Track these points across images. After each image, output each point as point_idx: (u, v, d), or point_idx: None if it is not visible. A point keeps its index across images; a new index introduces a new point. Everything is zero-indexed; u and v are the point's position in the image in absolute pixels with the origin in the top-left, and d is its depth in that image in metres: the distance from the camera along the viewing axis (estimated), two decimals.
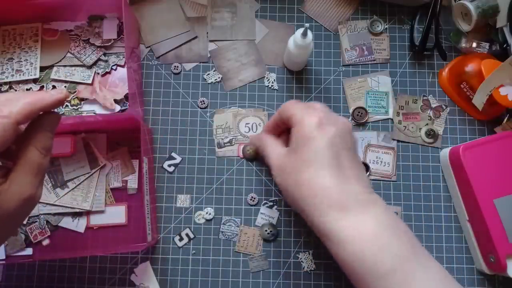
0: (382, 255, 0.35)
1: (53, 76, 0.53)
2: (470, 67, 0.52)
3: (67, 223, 0.51)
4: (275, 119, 0.46)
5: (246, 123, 0.54)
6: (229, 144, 0.54)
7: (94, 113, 0.53)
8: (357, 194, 0.38)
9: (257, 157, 0.53)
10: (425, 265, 0.36)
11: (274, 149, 0.44)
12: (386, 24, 0.57)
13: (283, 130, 0.47)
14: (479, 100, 0.50)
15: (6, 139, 0.32)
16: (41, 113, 0.35)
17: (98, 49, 0.55)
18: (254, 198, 0.52)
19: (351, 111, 0.54)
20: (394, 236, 0.37)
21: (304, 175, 0.39)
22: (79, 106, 0.53)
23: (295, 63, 0.53)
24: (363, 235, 0.36)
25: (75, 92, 0.53)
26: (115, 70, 0.55)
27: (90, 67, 0.54)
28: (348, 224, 0.37)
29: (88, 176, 0.52)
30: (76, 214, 0.51)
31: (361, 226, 0.36)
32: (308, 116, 0.40)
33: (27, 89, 0.53)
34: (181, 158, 0.53)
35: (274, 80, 0.55)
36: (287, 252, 0.51)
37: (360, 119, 0.54)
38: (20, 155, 0.33)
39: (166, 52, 0.56)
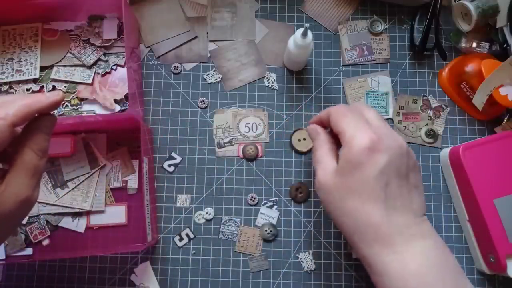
0: None
1: (53, 76, 0.53)
2: (470, 67, 0.52)
3: (67, 223, 0.51)
4: (321, 118, 0.43)
5: (246, 123, 0.54)
6: (229, 144, 0.54)
7: (94, 113, 0.53)
8: (403, 227, 0.36)
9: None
10: None
11: (324, 158, 0.41)
12: (386, 24, 0.57)
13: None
14: (479, 100, 0.50)
15: (2, 140, 0.32)
16: (37, 115, 0.35)
17: (98, 49, 0.55)
18: (254, 198, 0.52)
19: None
20: (439, 278, 0.35)
21: (348, 204, 0.37)
22: (79, 106, 0.53)
23: (295, 63, 0.53)
24: (407, 272, 0.35)
25: (75, 92, 0.53)
26: (115, 70, 0.55)
27: (90, 67, 0.54)
28: (393, 259, 0.35)
29: (88, 176, 0.52)
30: (76, 214, 0.51)
31: (405, 262, 0.35)
32: (360, 135, 0.37)
33: (27, 89, 0.53)
34: (181, 158, 0.53)
35: (274, 80, 0.55)
36: (287, 252, 0.51)
37: None
38: (16, 157, 0.33)
39: (166, 52, 0.56)
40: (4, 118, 0.31)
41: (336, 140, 0.42)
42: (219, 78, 0.55)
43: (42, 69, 0.54)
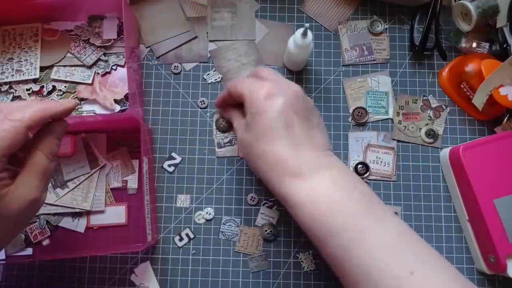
0: (332, 214, 0.37)
1: (53, 76, 0.53)
2: (470, 67, 0.52)
3: (67, 223, 0.51)
4: (224, 97, 0.48)
5: None
6: (229, 144, 0.54)
7: (94, 113, 0.53)
8: (309, 159, 0.39)
9: (230, 130, 0.54)
10: (382, 222, 0.37)
11: (238, 121, 0.46)
12: (386, 24, 0.57)
13: (236, 104, 0.47)
14: (479, 100, 0.50)
15: (17, 141, 0.33)
16: (50, 120, 0.37)
17: (98, 49, 0.55)
18: (254, 198, 0.52)
19: (351, 111, 0.54)
20: (347, 196, 0.38)
21: (259, 148, 0.40)
22: (79, 106, 0.53)
23: (295, 63, 0.53)
24: (315, 197, 0.38)
25: (75, 92, 0.53)
26: (115, 70, 0.55)
27: (90, 67, 0.54)
28: (302, 188, 0.38)
29: (88, 176, 0.52)
30: (76, 214, 0.51)
31: (313, 189, 0.38)
32: (256, 90, 0.41)
33: (27, 89, 0.53)
34: (181, 158, 0.53)
35: None
36: (287, 252, 0.51)
37: (360, 119, 0.54)
38: (28, 159, 0.35)
39: (166, 52, 0.56)
40: (21, 120, 0.34)
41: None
42: (219, 78, 0.55)
43: (42, 69, 0.54)
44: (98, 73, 0.54)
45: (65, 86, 0.54)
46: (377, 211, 0.38)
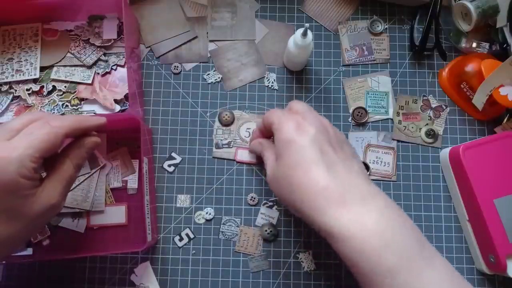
0: (385, 251, 0.34)
1: (53, 76, 0.53)
2: (470, 67, 0.52)
3: (67, 223, 0.51)
4: (259, 127, 0.47)
5: (247, 128, 0.54)
6: (227, 146, 0.54)
7: (94, 113, 0.53)
8: (353, 187, 0.37)
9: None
10: (433, 263, 0.35)
11: (269, 156, 0.44)
12: (386, 24, 0.57)
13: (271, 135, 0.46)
14: (479, 100, 0.50)
15: (55, 146, 0.36)
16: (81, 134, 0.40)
17: (98, 49, 0.55)
18: (254, 198, 0.52)
19: (351, 111, 0.54)
20: (398, 232, 0.35)
21: (294, 179, 0.38)
22: (79, 106, 0.53)
23: (295, 63, 0.53)
24: (365, 231, 0.35)
25: (75, 92, 0.53)
26: (115, 70, 0.55)
27: (90, 67, 0.54)
28: (349, 220, 0.35)
29: (88, 176, 0.52)
30: (76, 214, 0.51)
31: (362, 221, 0.35)
32: (286, 121, 0.40)
33: (27, 89, 0.53)
34: (181, 158, 0.53)
35: (274, 80, 0.55)
36: (287, 252, 0.51)
37: (360, 119, 0.54)
38: (57, 166, 0.38)
39: (166, 52, 0.56)
40: (60, 127, 0.36)
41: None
42: (219, 78, 0.55)
43: (42, 69, 0.54)
44: (98, 73, 0.54)
45: (65, 86, 0.54)
46: (427, 248, 0.36)
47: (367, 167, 0.53)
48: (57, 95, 0.53)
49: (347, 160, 0.39)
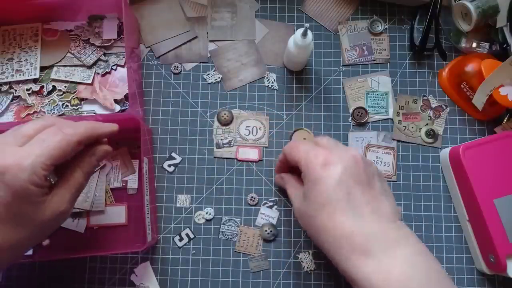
0: None
1: (53, 76, 0.53)
2: (470, 67, 0.52)
3: (67, 223, 0.51)
4: (281, 159, 0.47)
5: (247, 126, 0.54)
6: (228, 145, 0.54)
7: (94, 113, 0.53)
8: (378, 234, 0.36)
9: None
10: None
11: (294, 191, 0.43)
12: (386, 24, 0.57)
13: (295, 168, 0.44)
14: (479, 100, 0.50)
15: (67, 153, 0.36)
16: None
17: (98, 49, 0.55)
18: (254, 198, 0.52)
19: (351, 111, 0.54)
20: (425, 283, 0.34)
21: (318, 221, 0.37)
22: (79, 106, 0.53)
23: (295, 63, 0.53)
24: (388, 281, 0.34)
25: (75, 92, 0.53)
26: (115, 70, 0.55)
27: (90, 67, 0.54)
28: (373, 270, 0.34)
29: None
30: (76, 214, 0.51)
31: (386, 272, 0.34)
32: (314, 158, 0.38)
33: (27, 89, 0.53)
34: (181, 158, 0.53)
35: (274, 80, 0.55)
36: (287, 252, 0.51)
37: (360, 119, 0.54)
38: (67, 173, 0.38)
39: (166, 52, 0.56)
40: (73, 135, 0.36)
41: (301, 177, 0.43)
42: (219, 78, 0.55)
43: (42, 69, 0.54)
44: (98, 73, 0.54)
45: (65, 86, 0.54)
46: None
47: None
48: (57, 95, 0.53)
49: (375, 201, 0.38)
